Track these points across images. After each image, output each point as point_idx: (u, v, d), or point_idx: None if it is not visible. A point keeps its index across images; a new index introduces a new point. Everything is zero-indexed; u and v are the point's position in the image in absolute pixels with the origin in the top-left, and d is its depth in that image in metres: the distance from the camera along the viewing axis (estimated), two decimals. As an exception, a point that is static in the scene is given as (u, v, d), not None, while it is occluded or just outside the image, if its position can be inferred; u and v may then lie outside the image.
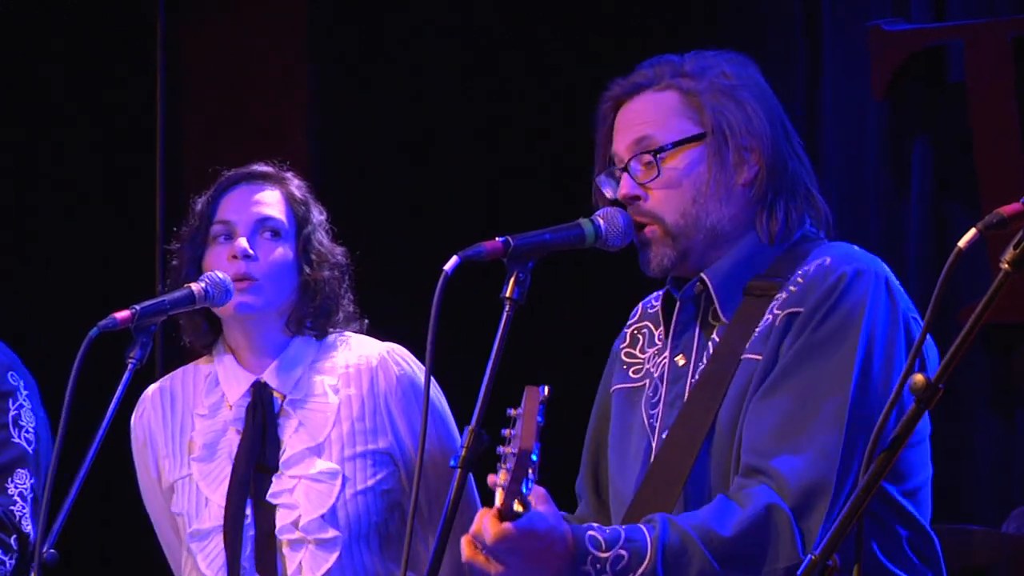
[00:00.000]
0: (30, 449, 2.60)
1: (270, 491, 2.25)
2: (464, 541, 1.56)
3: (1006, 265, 1.28)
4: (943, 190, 3.41)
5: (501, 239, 1.68)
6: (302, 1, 4.02)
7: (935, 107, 3.44)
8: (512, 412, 1.53)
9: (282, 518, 2.26)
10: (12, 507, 2.54)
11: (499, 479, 1.50)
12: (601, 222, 1.76)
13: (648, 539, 1.59)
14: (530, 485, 1.53)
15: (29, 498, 2.59)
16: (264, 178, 2.35)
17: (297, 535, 2.27)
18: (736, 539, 1.61)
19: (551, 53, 3.83)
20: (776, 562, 1.62)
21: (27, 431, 2.63)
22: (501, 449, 1.53)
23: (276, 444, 2.31)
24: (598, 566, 1.59)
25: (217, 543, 2.27)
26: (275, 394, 2.28)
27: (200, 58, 4.12)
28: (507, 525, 1.51)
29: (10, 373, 2.62)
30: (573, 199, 1.94)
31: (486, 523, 1.53)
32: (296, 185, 2.40)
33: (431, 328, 1.64)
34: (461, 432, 1.68)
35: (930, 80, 3.47)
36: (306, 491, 2.29)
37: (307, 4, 4.04)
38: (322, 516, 2.25)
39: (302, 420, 2.30)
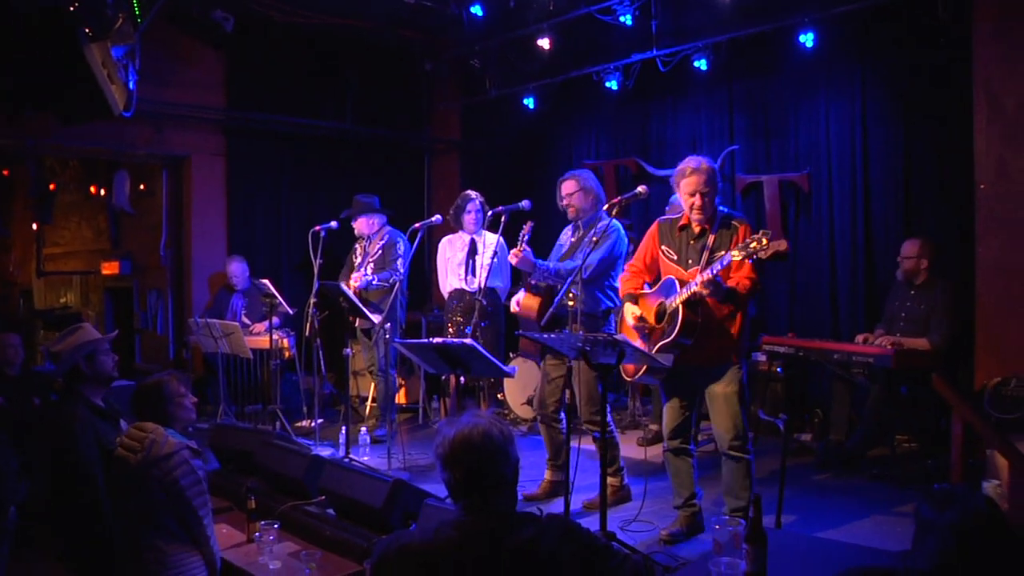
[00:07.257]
0: (403, 254, 7.27)
1: (476, 260, 7.24)
2: (511, 255, 5.27)
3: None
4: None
5: (502, 206, 5.73)
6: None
7: (616, 188, 8.32)
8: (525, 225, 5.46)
9: (479, 263, 7.19)
10: (399, 265, 7.26)
11: (522, 242, 5.26)
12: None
13: (550, 265, 5.41)
14: (526, 242, 5.22)
15: (405, 266, 7.09)
16: (470, 197, 7.21)
17: (485, 265, 6.82)
18: (573, 268, 5.14)
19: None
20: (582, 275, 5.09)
21: (403, 250, 7.28)
22: (524, 229, 5.37)
23: (477, 252, 7.22)
24: (541, 268, 5.35)
25: (463, 265, 7.32)
26: (478, 242, 7.27)
27: (439, 177, 9.81)
28: (521, 252, 5.28)
29: (398, 234, 7.39)
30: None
31: (514, 250, 5.28)
32: (480, 198, 7.18)
33: (499, 234, 6.24)
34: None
35: (605, 180, 8.50)
36: (486, 263, 6.83)
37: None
38: (491, 263, 6.61)
39: (484, 249, 7.15)
